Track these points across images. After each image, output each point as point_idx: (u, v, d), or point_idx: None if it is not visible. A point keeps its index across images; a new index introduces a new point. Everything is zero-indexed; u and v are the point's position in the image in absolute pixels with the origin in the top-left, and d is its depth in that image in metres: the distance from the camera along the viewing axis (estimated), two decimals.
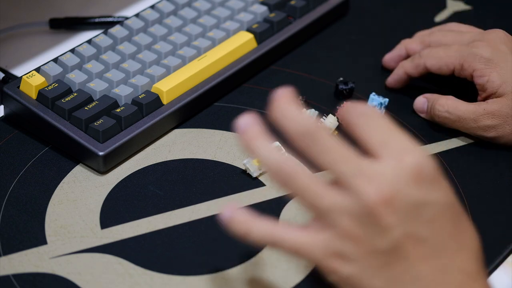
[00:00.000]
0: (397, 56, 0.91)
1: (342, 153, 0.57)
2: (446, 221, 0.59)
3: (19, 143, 0.82)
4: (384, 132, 0.58)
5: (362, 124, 0.58)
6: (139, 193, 0.78)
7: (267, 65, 0.93)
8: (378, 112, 0.59)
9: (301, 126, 0.57)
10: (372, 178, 0.56)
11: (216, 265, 0.72)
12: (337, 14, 1.00)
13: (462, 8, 1.03)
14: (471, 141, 0.85)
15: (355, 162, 0.57)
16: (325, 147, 0.57)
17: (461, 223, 0.60)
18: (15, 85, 0.83)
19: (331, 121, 0.84)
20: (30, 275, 0.70)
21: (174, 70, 0.86)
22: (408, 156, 0.57)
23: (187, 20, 0.92)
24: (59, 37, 0.97)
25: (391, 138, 0.58)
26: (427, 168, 0.57)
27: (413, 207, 0.57)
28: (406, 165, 0.57)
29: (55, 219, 0.75)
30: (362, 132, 0.58)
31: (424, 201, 0.57)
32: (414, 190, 0.57)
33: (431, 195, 0.58)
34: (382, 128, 0.58)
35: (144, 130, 0.81)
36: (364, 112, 0.58)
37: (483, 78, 0.83)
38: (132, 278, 0.70)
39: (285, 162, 0.58)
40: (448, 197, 0.59)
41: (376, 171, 0.56)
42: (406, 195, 0.56)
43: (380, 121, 0.59)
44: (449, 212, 0.59)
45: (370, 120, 0.58)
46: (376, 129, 0.58)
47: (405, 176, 0.57)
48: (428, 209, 0.57)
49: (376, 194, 0.56)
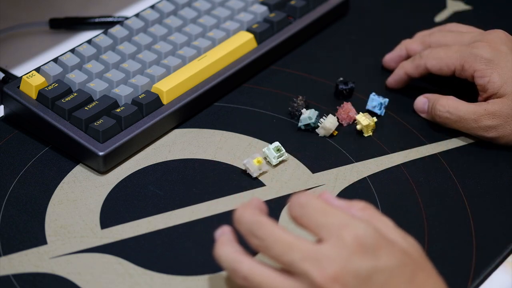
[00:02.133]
0: (397, 57, 0.91)
1: (288, 243, 0.61)
2: (400, 282, 0.60)
3: (19, 143, 0.82)
4: (320, 216, 0.61)
5: (302, 215, 0.62)
6: (139, 193, 0.78)
7: (267, 65, 0.93)
8: (313, 198, 0.62)
9: (246, 228, 0.63)
10: (317, 260, 0.60)
11: (216, 265, 0.71)
12: (337, 14, 1.00)
13: (462, 8, 1.03)
14: (471, 141, 0.85)
15: (301, 248, 0.60)
16: (272, 242, 0.61)
17: (418, 279, 0.61)
18: (15, 85, 0.83)
19: (331, 121, 0.84)
20: (30, 275, 0.70)
21: (174, 70, 0.86)
22: (345, 231, 0.60)
23: (187, 20, 0.92)
24: (59, 37, 0.97)
25: (328, 220, 0.61)
26: (367, 238, 0.60)
27: (362, 278, 0.59)
28: (346, 241, 0.60)
29: (55, 219, 0.75)
30: (304, 222, 0.62)
31: (372, 269, 0.60)
32: (358, 261, 0.60)
33: (378, 262, 0.60)
34: (319, 212, 0.62)
35: (144, 130, 0.81)
36: (301, 202, 0.62)
37: (484, 78, 0.83)
38: (132, 278, 0.70)
39: (238, 264, 0.62)
40: (396, 258, 0.61)
41: (320, 253, 0.60)
42: (352, 268, 0.59)
43: (316, 206, 0.62)
44: (401, 272, 0.60)
45: (306, 208, 0.62)
46: (314, 215, 0.62)
47: (347, 251, 0.60)
48: (377, 275, 0.60)
49: (323, 274, 0.59)
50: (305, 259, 0.60)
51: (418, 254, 0.63)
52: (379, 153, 0.83)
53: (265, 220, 0.62)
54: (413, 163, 0.82)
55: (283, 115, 0.87)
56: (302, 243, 0.61)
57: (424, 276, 0.62)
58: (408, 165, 0.82)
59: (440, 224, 0.76)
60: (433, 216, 0.77)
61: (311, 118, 0.84)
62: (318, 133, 0.85)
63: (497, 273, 0.73)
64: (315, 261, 0.59)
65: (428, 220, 0.77)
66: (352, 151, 0.83)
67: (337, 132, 0.85)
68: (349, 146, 0.84)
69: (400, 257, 0.61)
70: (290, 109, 0.86)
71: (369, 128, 0.84)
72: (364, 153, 0.83)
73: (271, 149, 0.80)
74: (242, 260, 0.62)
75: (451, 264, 0.73)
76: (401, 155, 0.83)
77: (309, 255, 0.60)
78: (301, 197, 0.63)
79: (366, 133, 0.85)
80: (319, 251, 0.60)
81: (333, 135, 0.85)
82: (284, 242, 0.61)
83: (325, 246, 0.60)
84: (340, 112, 0.86)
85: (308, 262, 0.60)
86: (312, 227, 0.62)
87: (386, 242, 0.61)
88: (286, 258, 0.60)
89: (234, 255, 0.63)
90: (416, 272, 0.61)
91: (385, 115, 0.87)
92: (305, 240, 0.61)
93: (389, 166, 0.82)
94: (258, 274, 0.62)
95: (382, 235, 0.61)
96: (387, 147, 0.84)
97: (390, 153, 0.83)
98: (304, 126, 0.84)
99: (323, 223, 0.61)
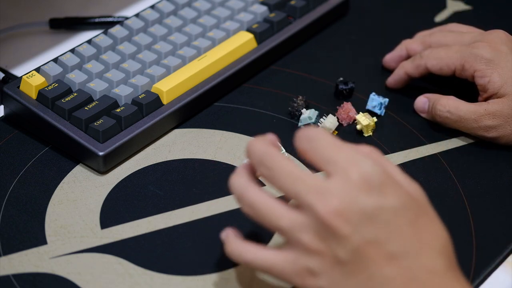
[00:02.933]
0: (397, 57, 0.91)
1: (295, 175, 0.61)
2: (403, 223, 0.61)
3: (19, 143, 0.82)
4: (329, 150, 0.62)
5: (310, 148, 0.62)
6: (139, 193, 0.78)
7: (267, 65, 0.93)
8: (322, 132, 0.63)
9: (256, 157, 0.63)
10: (323, 194, 0.60)
11: (216, 265, 0.71)
12: (337, 14, 1.00)
13: (462, 8, 1.03)
14: (471, 141, 0.85)
15: (307, 181, 0.61)
16: (279, 172, 0.62)
17: (421, 222, 0.62)
18: (15, 85, 0.83)
19: (331, 121, 0.84)
20: (30, 275, 0.70)
21: (174, 70, 0.86)
22: (353, 168, 0.61)
23: (187, 20, 0.92)
24: (59, 37, 0.97)
25: (336, 155, 0.61)
26: (373, 176, 0.61)
27: (366, 214, 0.60)
28: (352, 177, 0.60)
29: (55, 219, 0.75)
30: (311, 156, 0.62)
31: (376, 207, 0.60)
32: (364, 198, 0.60)
33: (383, 200, 0.60)
34: (327, 147, 0.62)
35: (144, 130, 0.81)
36: (309, 136, 0.63)
37: (484, 78, 0.83)
38: (132, 278, 0.70)
39: (246, 191, 0.63)
40: (401, 199, 0.61)
41: (326, 187, 0.60)
42: (356, 204, 0.60)
43: (325, 141, 0.62)
44: (405, 213, 0.61)
45: (315, 142, 0.62)
46: (322, 149, 0.62)
47: (353, 187, 0.60)
48: (382, 213, 0.60)
49: (327, 207, 0.60)
50: (310, 191, 0.60)
51: (422, 199, 0.63)
52: None
53: (276, 152, 0.63)
54: (413, 163, 0.82)
55: (283, 115, 0.87)
56: (309, 176, 0.61)
57: (426, 221, 0.62)
58: (408, 165, 0.82)
59: None
60: None
61: (311, 118, 0.84)
62: None
63: (497, 273, 0.73)
64: (320, 195, 0.60)
65: None
66: None
67: (337, 132, 0.85)
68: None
69: (405, 199, 0.61)
70: (290, 109, 0.86)
71: (369, 128, 0.84)
72: None
73: None
74: (250, 188, 0.63)
75: None
76: (401, 155, 0.83)
77: (315, 188, 0.60)
78: (310, 131, 0.63)
79: (366, 133, 0.85)
80: (325, 185, 0.60)
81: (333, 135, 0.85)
82: (291, 174, 0.61)
83: (332, 181, 0.60)
84: (340, 112, 0.86)
85: (313, 194, 0.60)
86: (319, 161, 0.62)
87: (392, 182, 0.61)
88: (292, 190, 0.61)
89: (245, 183, 0.63)
90: (420, 215, 0.62)
91: (385, 115, 0.87)
92: (312, 175, 0.61)
93: None
94: (263, 203, 0.62)
95: (389, 175, 0.62)
96: (387, 147, 0.84)
97: (390, 153, 0.83)
98: (304, 126, 0.85)
99: (331, 157, 0.61)
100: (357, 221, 0.60)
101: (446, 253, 0.62)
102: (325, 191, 0.60)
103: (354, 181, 0.60)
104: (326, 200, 0.60)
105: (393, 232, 0.60)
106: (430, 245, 0.62)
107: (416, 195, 0.63)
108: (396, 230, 0.60)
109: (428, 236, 0.62)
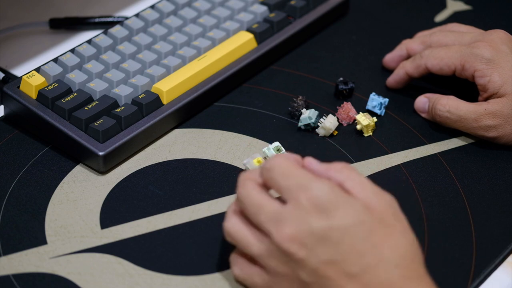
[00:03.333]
0: (397, 56, 0.91)
1: (257, 204, 0.65)
2: (357, 240, 0.63)
3: (19, 143, 0.82)
4: (282, 178, 0.65)
5: (269, 179, 0.66)
6: (139, 193, 0.78)
7: (267, 65, 0.93)
8: (280, 161, 0.66)
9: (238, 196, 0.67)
10: (278, 221, 0.64)
11: (216, 265, 0.71)
12: (337, 14, 1.00)
13: (462, 8, 1.03)
14: (471, 141, 0.85)
15: (266, 209, 0.64)
16: (246, 203, 0.65)
17: (377, 236, 0.63)
18: (15, 85, 0.83)
19: (331, 121, 0.84)
20: (30, 275, 0.70)
21: (174, 70, 0.86)
22: (302, 193, 0.63)
23: (187, 20, 0.92)
24: (59, 37, 0.97)
25: (287, 182, 0.65)
26: (322, 198, 0.63)
27: (318, 236, 0.62)
28: (302, 202, 0.63)
29: (55, 219, 0.75)
30: (271, 185, 0.66)
31: (326, 228, 0.63)
32: (315, 221, 0.63)
33: (332, 220, 0.63)
34: (280, 175, 0.65)
35: (144, 130, 0.81)
36: (267, 167, 0.66)
37: (484, 78, 0.83)
38: (132, 278, 0.70)
39: (226, 221, 0.67)
40: (352, 216, 0.63)
41: (281, 214, 0.64)
42: (308, 228, 0.63)
43: (280, 169, 0.65)
44: (357, 230, 0.63)
45: (271, 172, 0.66)
46: (277, 178, 0.65)
47: (304, 211, 0.63)
48: (333, 234, 0.62)
49: (282, 233, 0.63)
50: (269, 220, 0.64)
51: (387, 212, 0.64)
52: (379, 153, 0.83)
53: (251, 187, 0.66)
54: (413, 163, 0.82)
55: (283, 115, 0.87)
56: (270, 204, 0.65)
57: (383, 234, 0.63)
58: (408, 165, 0.82)
59: (440, 224, 0.76)
60: (433, 216, 0.77)
61: (311, 118, 0.84)
62: (318, 133, 0.85)
63: (497, 273, 0.73)
64: (276, 222, 0.64)
65: (428, 220, 0.77)
66: (352, 151, 0.83)
67: (337, 132, 0.85)
68: (349, 146, 0.84)
69: (356, 215, 0.63)
70: (290, 109, 0.86)
71: (369, 128, 0.84)
72: (364, 153, 0.83)
73: (271, 149, 0.80)
74: (229, 219, 0.67)
75: (451, 264, 0.73)
76: (401, 155, 0.83)
77: (272, 216, 0.64)
78: (270, 161, 0.66)
79: (366, 133, 0.85)
80: (280, 212, 0.64)
81: (333, 135, 0.85)
82: (255, 203, 0.65)
83: (286, 208, 0.64)
84: (340, 112, 0.86)
85: (270, 223, 0.64)
86: (277, 189, 0.65)
87: (343, 200, 0.63)
88: (256, 219, 0.65)
89: (227, 214, 0.68)
90: (376, 229, 0.63)
91: (385, 115, 0.87)
92: (274, 202, 0.64)
93: (389, 166, 0.82)
94: (237, 232, 0.66)
95: (339, 194, 0.63)
96: (387, 147, 0.84)
97: (390, 153, 0.83)
98: (304, 126, 0.84)
99: (284, 185, 0.65)
100: (311, 244, 0.62)
101: (404, 264, 0.63)
102: (280, 218, 0.63)
103: (304, 205, 0.63)
104: (280, 227, 0.63)
105: (347, 250, 0.62)
106: (387, 258, 0.63)
107: (379, 209, 0.64)
108: (350, 248, 0.62)
109: (385, 249, 0.63)
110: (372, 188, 0.65)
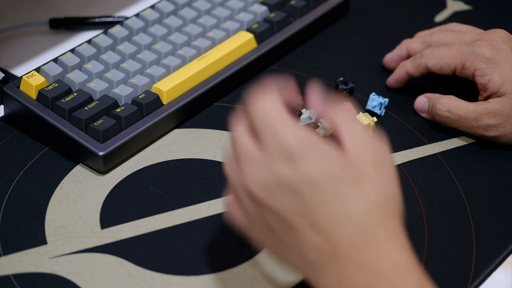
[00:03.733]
0: (397, 56, 0.91)
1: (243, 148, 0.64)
2: (322, 192, 0.60)
3: (19, 143, 0.82)
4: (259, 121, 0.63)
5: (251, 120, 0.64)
6: (139, 193, 0.78)
7: (267, 65, 0.93)
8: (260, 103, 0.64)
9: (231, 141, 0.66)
10: (250, 164, 0.62)
11: (216, 265, 0.71)
12: (337, 14, 1.00)
13: (462, 8, 1.03)
14: (471, 141, 0.85)
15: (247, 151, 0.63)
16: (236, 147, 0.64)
17: (343, 190, 0.60)
18: (15, 85, 0.83)
19: None
20: (30, 275, 0.70)
21: (174, 70, 0.86)
22: (273, 140, 0.62)
23: (187, 20, 0.92)
24: (59, 37, 0.97)
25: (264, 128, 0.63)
26: (292, 146, 0.61)
27: (284, 185, 0.61)
28: (272, 148, 0.62)
29: (55, 219, 0.75)
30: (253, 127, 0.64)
31: (293, 177, 0.61)
32: (282, 168, 0.61)
33: (300, 170, 0.61)
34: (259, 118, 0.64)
35: (144, 130, 0.81)
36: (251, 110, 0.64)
37: (485, 77, 0.83)
38: (132, 278, 0.70)
39: None
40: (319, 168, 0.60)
41: (254, 158, 0.62)
42: (274, 175, 0.61)
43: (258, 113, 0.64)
44: (324, 182, 0.60)
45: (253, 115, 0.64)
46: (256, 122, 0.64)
47: (272, 159, 0.61)
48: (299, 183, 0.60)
49: (250, 177, 0.62)
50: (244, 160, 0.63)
51: (367, 162, 0.62)
52: None
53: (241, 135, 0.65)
54: (413, 163, 0.82)
55: None
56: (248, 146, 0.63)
57: (353, 188, 0.61)
58: (408, 165, 0.82)
59: (440, 224, 0.76)
60: (433, 216, 0.77)
61: (311, 118, 0.84)
62: (318, 133, 0.85)
63: (497, 273, 0.73)
64: (250, 164, 0.63)
65: (428, 220, 0.77)
66: None
67: None
68: None
69: (324, 167, 0.61)
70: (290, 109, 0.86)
71: (369, 128, 0.84)
72: None
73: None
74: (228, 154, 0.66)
75: (451, 264, 0.73)
76: (401, 155, 0.83)
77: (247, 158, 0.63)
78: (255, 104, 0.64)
79: None
80: (253, 155, 0.63)
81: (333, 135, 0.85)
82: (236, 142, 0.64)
83: (260, 152, 0.62)
84: None
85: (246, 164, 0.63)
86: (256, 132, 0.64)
87: (314, 151, 0.61)
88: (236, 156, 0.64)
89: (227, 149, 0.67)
90: (344, 183, 0.61)
91: (385, 115, 0.87)
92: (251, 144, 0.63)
93: None
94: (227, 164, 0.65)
95: (313, 144, 0.61)
96: None
97: None
98: (304, 126, 0.84)
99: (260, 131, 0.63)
100: (276, 191, 0.61)
101: (372, 221, 0.60)
102: (251, 162, 0.62)
103: (273, 152, 0.61)
104: (251, 170, 0.62)
105: (312, 202, 0.60)
106: (352, 213, 0.60)
107: (355, 158, 0.61)
108: (315, 200, 0.60)
109: (351, 205, 0.60)
110: (361, 136, 0.63)
